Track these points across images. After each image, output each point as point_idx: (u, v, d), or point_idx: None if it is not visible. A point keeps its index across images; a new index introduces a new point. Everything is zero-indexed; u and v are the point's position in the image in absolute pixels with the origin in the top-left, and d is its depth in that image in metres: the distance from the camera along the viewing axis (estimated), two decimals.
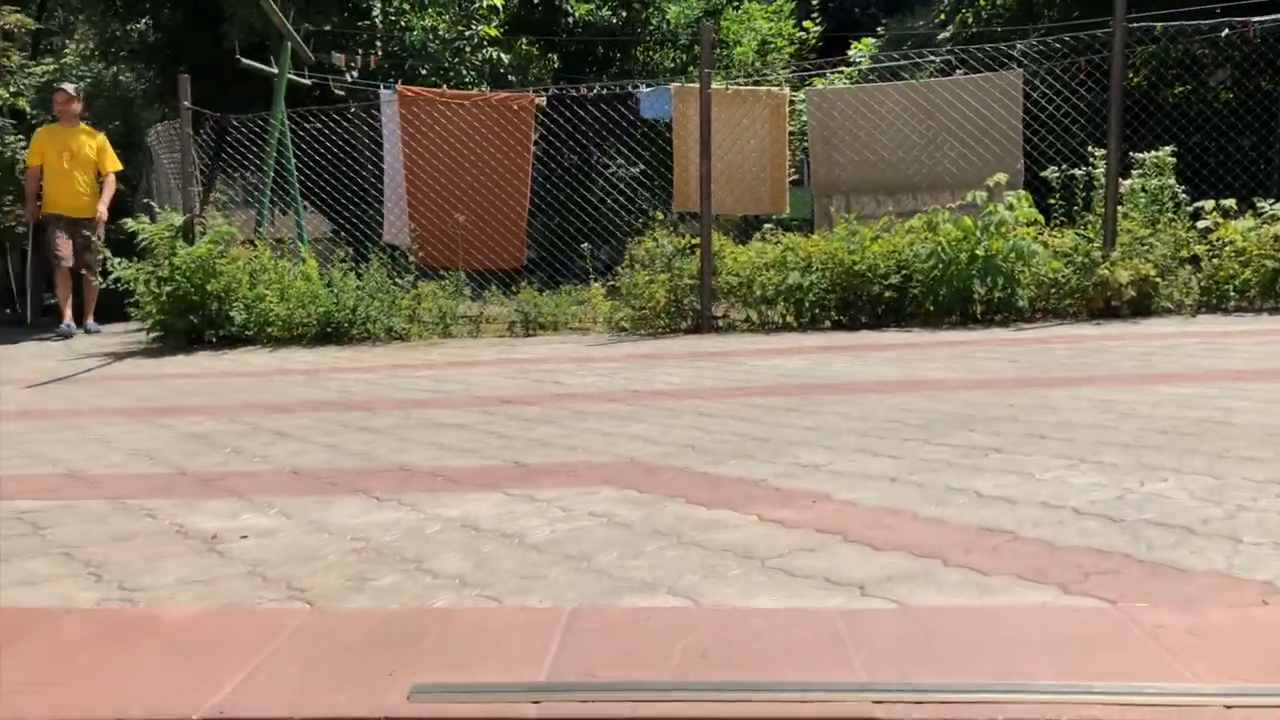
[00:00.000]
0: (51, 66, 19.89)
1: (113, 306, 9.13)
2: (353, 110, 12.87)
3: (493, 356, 6.36)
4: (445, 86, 13.21)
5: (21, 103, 17.81)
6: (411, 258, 10.29)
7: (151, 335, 7.74)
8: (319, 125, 10.11)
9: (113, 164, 9.18)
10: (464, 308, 8.32)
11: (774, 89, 8.85)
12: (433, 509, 2.65)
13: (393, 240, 10.38)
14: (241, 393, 5.29)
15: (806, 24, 19.26)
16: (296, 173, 9.33)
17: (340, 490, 2.94)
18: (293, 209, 9.13)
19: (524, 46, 15.52)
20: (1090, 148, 7.49)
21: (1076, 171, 7.51)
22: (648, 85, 9.80)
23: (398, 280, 7.85)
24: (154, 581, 2.15)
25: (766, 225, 7.87)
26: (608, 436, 3.55)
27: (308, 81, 10.34)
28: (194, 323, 7.40)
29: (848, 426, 3.49)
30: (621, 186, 10.54)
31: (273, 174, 8.69)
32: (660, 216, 8.50)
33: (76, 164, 8.93)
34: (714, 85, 7.63)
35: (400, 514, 2.62)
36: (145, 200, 9.11)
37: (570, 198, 10.26)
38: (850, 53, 17.07)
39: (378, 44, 12.66)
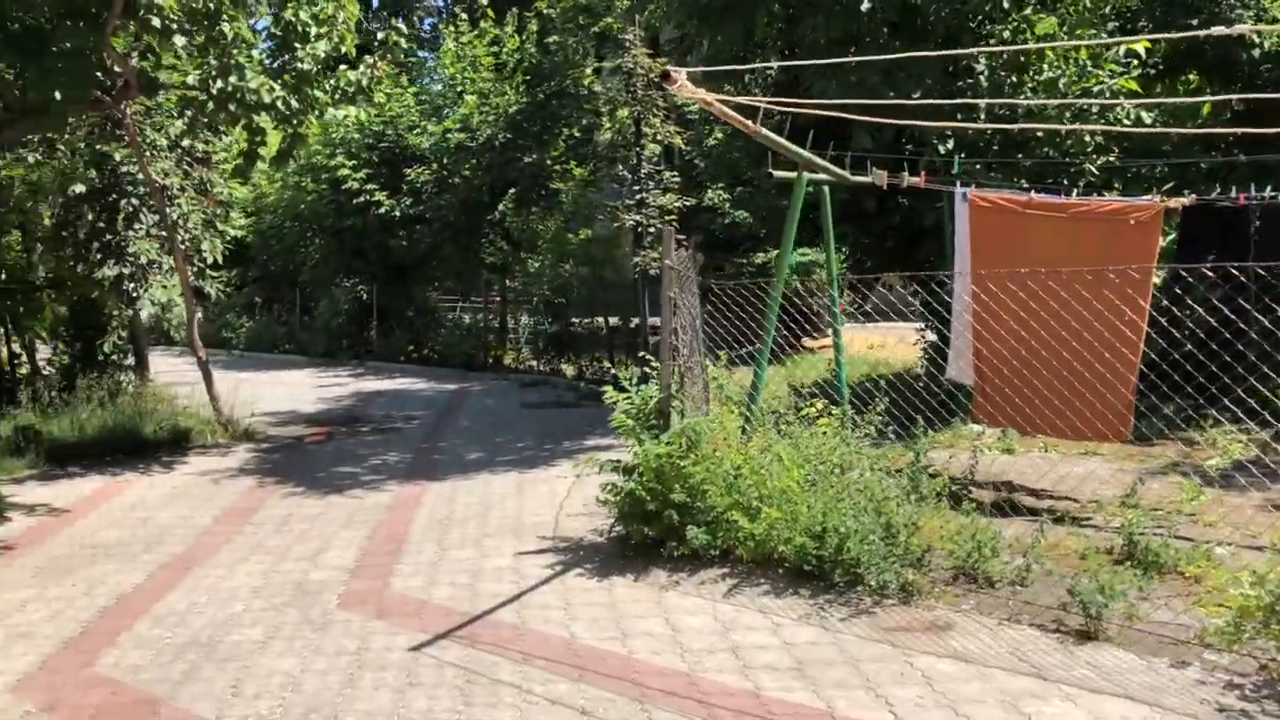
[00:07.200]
0: None
1: None
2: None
3: None
4: (1059, 154, 10.44)
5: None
6: (972, 419, 7.99)
7: (612, 534, 6.59)
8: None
9: None
10: (1013, 532, 5.86)
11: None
12: None
13: (957, 378, 8.15)
14: None
15: None
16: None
17: None
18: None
19: (1188, 84, 11.87)
20: None
21: None
22: None
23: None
24: None
25: None
26: None
27: (869, 178, 8.50)
28: (649, 535, 6.04)
29: None
30: None
31: (772, 338, 7.01)
32: None
33: None
34: None
35: None
36: (671, 340, 6.49)
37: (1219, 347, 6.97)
38: None
39: (978, 116, 10.30)
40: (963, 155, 9.99)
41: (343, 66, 9.77)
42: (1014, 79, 10.71)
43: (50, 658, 4.99)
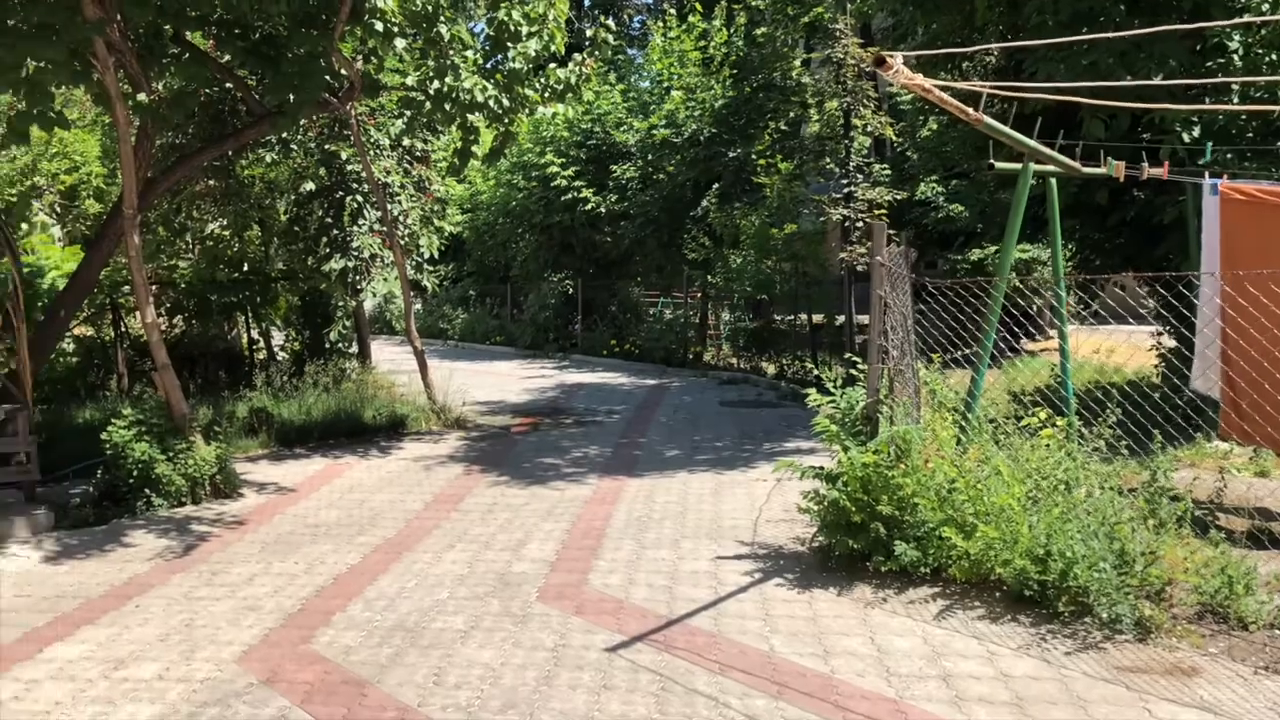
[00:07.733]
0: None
1: None
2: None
3: None
4: None
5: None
6: (1219, 436, 7.21)
7: (813, 544, 6.32)
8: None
9: None
10: (1272, 568, 5.21)
11: None
12: None
13: (1203, 390, 7.40)
14: None
15: None
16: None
17: None
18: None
19: None
20: None
21: None
22: None
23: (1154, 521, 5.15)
24: None
25: None
26: None
27: (1101, 171, 7.84)
28: (854, 547, 5.74)
29: None
30: None
31: (994, 333, 6.52)
32: None
33: None
34: None
35: None
36: (881, 341, 6.15)
37: None
38: None
39: (1231, 98, 9.32)
40: (1212, 143, 9.05)
41: (552, 65, 9.92)
42: (1274, 57, 9.62)
43: (272, 632, 5.25)
